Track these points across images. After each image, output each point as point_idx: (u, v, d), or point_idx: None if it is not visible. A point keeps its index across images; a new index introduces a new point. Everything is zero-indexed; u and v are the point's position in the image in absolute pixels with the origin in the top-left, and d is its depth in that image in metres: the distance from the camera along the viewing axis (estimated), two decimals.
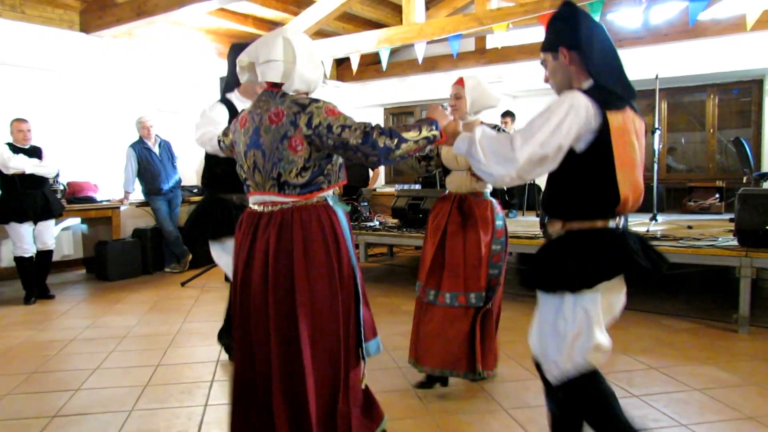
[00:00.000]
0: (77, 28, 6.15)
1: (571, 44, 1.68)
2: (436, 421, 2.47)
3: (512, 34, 7.24)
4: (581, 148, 1.61)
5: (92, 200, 6.00)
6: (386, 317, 4.22)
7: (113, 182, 6.26)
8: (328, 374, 1.80)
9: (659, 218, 5.13)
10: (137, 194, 6.24)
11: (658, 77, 5.34)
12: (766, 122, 7.20)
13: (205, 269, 5.85)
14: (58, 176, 5.27)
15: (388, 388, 2.83)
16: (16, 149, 4.75)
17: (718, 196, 6.51)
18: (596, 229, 1.67)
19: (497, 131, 2.01)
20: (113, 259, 5.80)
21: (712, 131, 7.61)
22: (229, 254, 2.79)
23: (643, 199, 1.73)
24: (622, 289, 1.71)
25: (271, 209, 1.83)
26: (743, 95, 7.49)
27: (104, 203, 6.07)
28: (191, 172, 7.51)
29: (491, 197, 2.82)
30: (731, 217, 4.62)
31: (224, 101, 2.88)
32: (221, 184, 2.98)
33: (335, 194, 1.94)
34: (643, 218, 5.17)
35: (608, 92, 1.63)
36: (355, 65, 7.32)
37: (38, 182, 4.84)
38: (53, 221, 5.09)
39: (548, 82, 1.81)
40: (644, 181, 1.75)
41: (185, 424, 2.50)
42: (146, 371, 3.16)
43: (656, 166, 5.23)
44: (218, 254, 3.09)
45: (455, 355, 2.65)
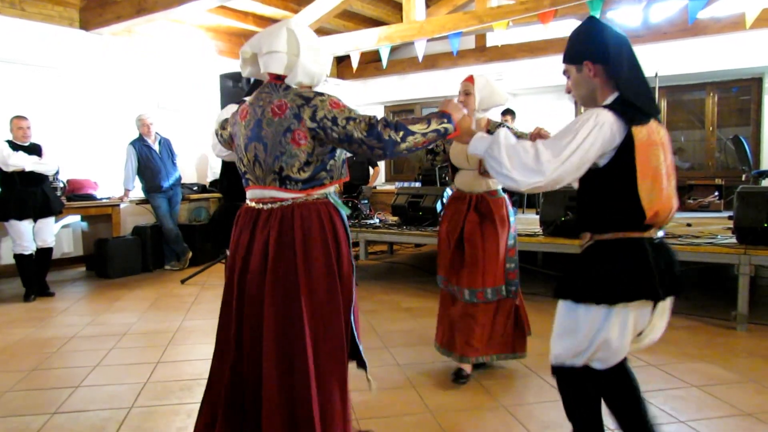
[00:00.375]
0: (77, 25, 6.15)
1: (596, 58, 1.69)
2: (435, 418, 2.48)
3: (512, 32, 7.24)
4: (604, 163, 1.64)
5: (92, 198, 6.00)
6: (386, 314, 4.23)
7: (113, 180, 6.27)
8: (333, 373, 1.76)
9: None
10: (137, 192, 6.24)
11: (657, 75, 5.35)
12: (765, 120, 7.21)
13: (205, 267, 5.85)
14: (57, 173, 5.28)
15: (387, 385, 2.84)
16: (15, 146, 4.75)
17: (717, 194, 6.51)
18: (625, 240, 1.67)
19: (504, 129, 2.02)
20: (113, 256, 5.80)
21: (711, 129, 7.61)
22: None
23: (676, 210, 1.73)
24: (648, 305, 1.71)
25: (270, 206, 1.79)
26: (742, 93, 7.49)
27: (104, 201, 6.07)
28: (191, 169, 7.52)
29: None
30: (730, 214, 4.63)
31: (240, 104, 2.84)
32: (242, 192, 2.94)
33: (336, 192, 1.91)
34: None
35: (634, 107, 1.64)
36: (355, 63, 7.31)
37: (38, 179, 4.84)
38: (53, 218, 5.10)
39: (569, 93, 1.81)
40: None
41: (185, 421, 2.50)
42: (146, 368, 3.17)
43: None
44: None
45: (478, 342, 2.80)
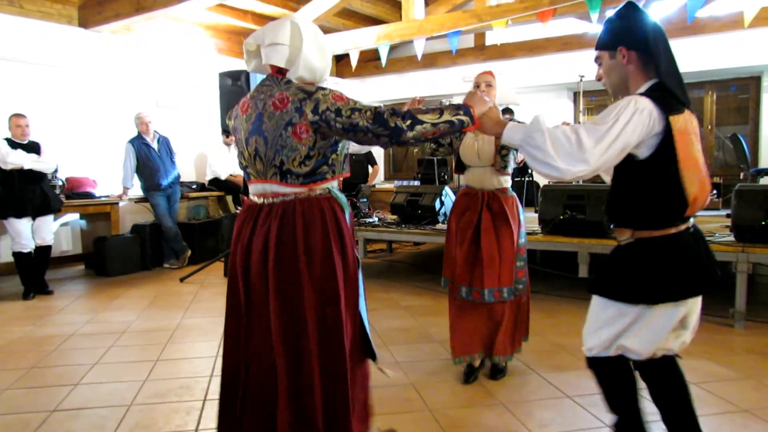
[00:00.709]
0: (76, 23, 6.13)
1: (631, 44, 1.67)
2: (433, 415, 2.49)
3: (511, 30, 7.25)
4: (644, 154, 1.61)
5: (91, 196, 6.00)
6: (385, 312, 4.24)
7: (112, 178, 6.26)
8: (333, 371, 1.75)
9: None
10: (136, 190, 6.24)
11: None
12: (763, 119, 7.22)
13: (204, 265, 5.85)
14: (56, 172, 5.27)
15: (386, 382, 2.84)
16: (14, 144, 4.75)
17: (715, 192, 6.52)
18: (667, 236, 1.65)
19: None
20: (112, 254, 5.80)
21: (710, 128, 7.62)
22: None
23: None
24: (697, 301, 1.74)
25: (272, 201, 1.77)
26: (741, 92, 7.50)
27: (103, 199, 6.06)
28: (190, 168, 7.52)
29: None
30: (728, 212, 4.64)
31: None
32: None
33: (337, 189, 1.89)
34: None
35: (671, 95, 1.62)
36: (354, 61, 7.31)
37: (37, 177, 4.84)
38: (52, 217, 5.10)
39: (600, 80, 1.79)
40: None
41: (184, 418, 2.51)
42: (145, 366, 3.17)
43: None
44: None
45: (501, 342, 2.79)
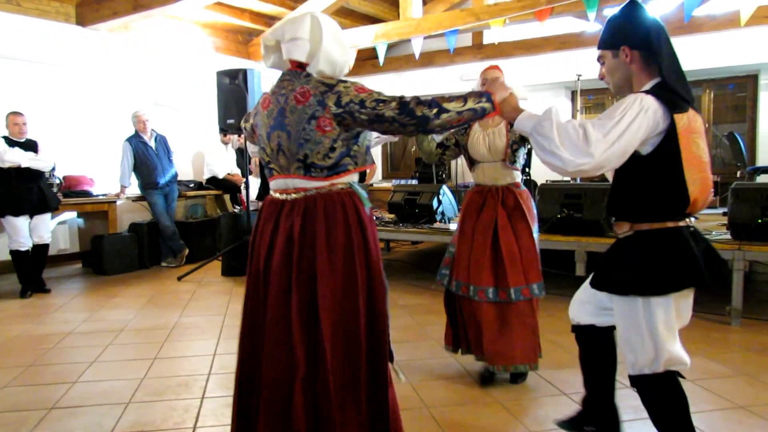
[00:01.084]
0: (73, 21, 6.12)
1: (634, 43, 1.68)
2: (431, 413, 2.50)
3: (509, 29, 7.25)
4: (647, 150, 1.62)
5: (88, 194, 5.99)
6: None
7: (109, 176, 6.26)
8: (347, 372, 1.70)
9: None
10: (134, 188, 6.23)
11: None
12: (760, 117, 7.24)
13: (201, 264, 5.85)
14: (54, 170, 5.27)
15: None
16: (11, 142, 4.74)
17: (713, 190, 6.53)
18: (667, 229, 1.66)
19: None
20: (109, 253, 5.80)
21: (707, 126, 7.64)
22: None
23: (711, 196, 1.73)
24: (690, 294, 1.72)
25: (294, 197, 1.76)
26: (738, 90, 7.53)
27: (100, 197, 6.05)
28: (187, 166, 7.52)
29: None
30: (725, 210, 4.66)
31: None
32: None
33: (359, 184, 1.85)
34: None
35: (675, 94, 1.63)
36: (351, 60, 7.31)
37: (34, 176, 4.83)
38: (49, 215, 5.09)
39: (603, 79, 1.80)
40: None
41: (182, 416, 2.51)
42: (143, 364, 3.17)
43: None
44: None
45: (527, 348, 2.65)
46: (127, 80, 6.70)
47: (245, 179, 6.30)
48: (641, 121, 1.56)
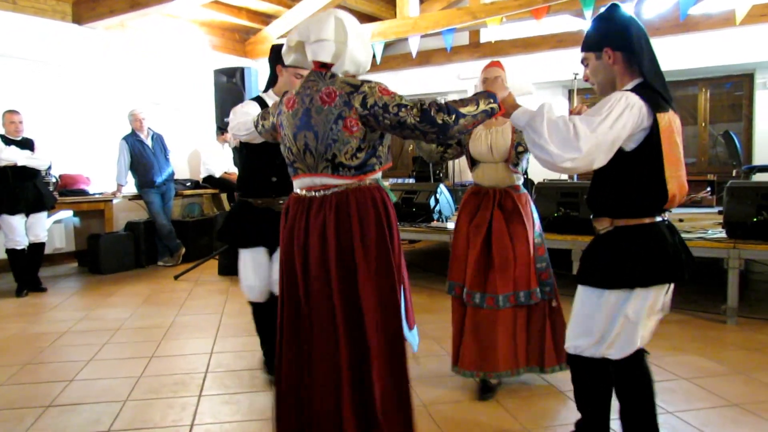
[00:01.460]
0: (70, 19, 6.10)
1: (617, 45, 1.72)
2: (427, 410, 2.51)
3: (506, 27, 7.26)
4: (631, 147, 1.66)
5: (85, 193, 5.98)
6: None
7: (106, 175, 6.24)
8: (395, 355, 1.76)
9: None
10: (130, 187, 6.22)
11: None
12: (756, 116, 7.27)
13: (198, 263, 5.85)
14: (50, 168, 5.25)
15: None
16: (7, 141, 4.73)
17: (709, 189, 6.56)
18: (644, 225, 1.71)
19: None
20: (106, 252, 5.78)
21: (703, 125, 7.67)
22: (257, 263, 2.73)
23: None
24: (663, 288, 1.76)
25: (323, 193, 1.78)
26: (734, 89, 7.56)
27: (97, 196, 6.04)
28: (184, 165, 7.50)
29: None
30: (720, 209, 4.68)
31: (257, 99, 2.78)
32: (252, 189, 2.81)
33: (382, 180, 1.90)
34: None
35: (656, 93, 1.68)
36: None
37: (30, 174, 4.82)
38: (45, 213, 5.08)
39: (588, 80, 1.84)
40: None
41: (179, 414, 2.51)
42: (140, 363, 3.17)
43: None
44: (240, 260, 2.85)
45: (508, 356, 2.58)
46: (123, 78, 6.68)
47: None
48: (627, 117, 1.61)
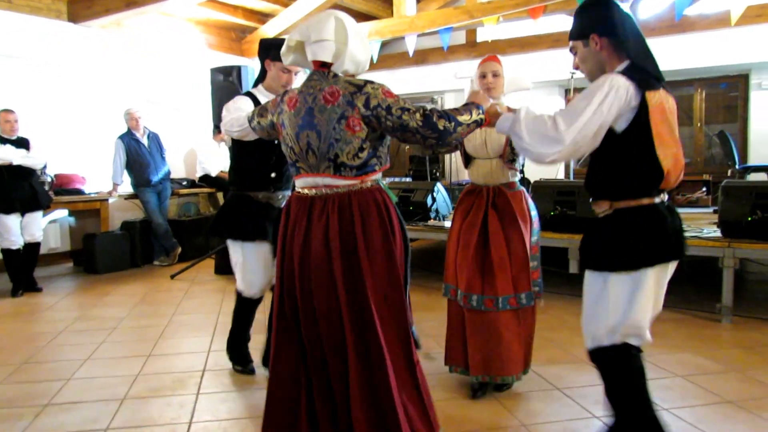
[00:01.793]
0: (65, 17, 6.08)
1: (602, 31, 1.75)
2: None
3: (503, 27, 7.28)
4: (622, 127, 1.68)
5: (80, 192, 5.95)
6: None
7: (101, 174, 6.22)
8: (401, 357, 1.78)
9: None
10: (126, 186, 6.20)
11: None
12: (751, 116, 7.31)
13: (194, 262, 5.83)
14: (45, 168, 5.23)
15: None
16: (3, 140, 4.70)
17: (705, 189, 6.60)
18: (643, 206, 1.72)
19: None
20: (101, 251, 5.76)
21: (699, 125, 7.71)
22: (254, 256, 2.75)
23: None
24: (666, 268, 1.77)
25: (325, 192, 1.80)
26: (730, 90, 7.60)
27: (92, 195, 6.02)
28: (180, 164, 7.48)
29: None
30: (716, 208, 4.70)
31: (248, 95, 2.79)
32: (251, 183, 2.82)
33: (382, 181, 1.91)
34: None
35: (646, 72, 1.70)
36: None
37: (26, 173, 4.80)
38: (41, 213, 5.06)
39: (578, 69, 1.87)
40: None
41: (177, 411, 2.52)
42: (137, 361, 3.17)
43: None
44: (242, 254, 2.87)
45: (513, 359, 2.51)
46: (119, 77, 6.66)
47: None
48: (612, 100, 1.62)
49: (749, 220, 3.68)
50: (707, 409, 2.48)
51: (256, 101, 2.73)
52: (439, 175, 8.10)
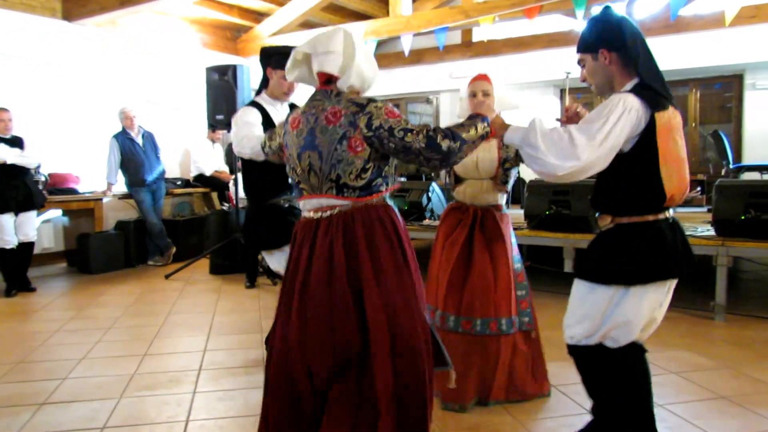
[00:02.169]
0: (59, 15, 6.05)
1: (612, 46, 1.75)
2: None
3: (498, 27, 7.31)
4: (628, 147, 1.69)
5: (74, 192, 5.92)
6: None
7: (96, 174, 6.19)
8: (409, 377, 1.68)
9: None
10: (120, 186, 6.17)
11: None
12: (746, 116, 7.36)
13: (189, 262, 5.82)
14: (39, 167, 5.20)
15: None
16: None
17: (699, 189, 6.64)
18: (644, 223, 1.73)
19: None
20: (96, 251, 5.74)
21: (694, 125, 7.75)
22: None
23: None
24: (663, 286, 1.79)
25: (329, 213, 1.75)
26: (724, 90, 7.65)
27: (86, 195, 5.99)
28: (174, 164, 7.46)
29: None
30: (710, 207, 4.74)
31: (254, 104, 2.79)
32: (270, 191, 2.84)
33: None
34: None
35: (655, 92, 1.69)
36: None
37: (20, 173, 4.77)
38: (35, 212, 5.03)
39: (585, 81, 1.86)
40: None
41: (174, 410, 2.51)
42: (133, 360, 3.16)
43: None
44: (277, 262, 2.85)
45: (490, 383, 2.45)
46: (114, 76, 6.63)
47: (233, 176, 6.28)
48: (625, 121, 1.63)
49: (743, 218, 3.71)
50: (701, 404, 2.50)
51: (262, 110, 2.74)
52: (434, 175, 8.11)
